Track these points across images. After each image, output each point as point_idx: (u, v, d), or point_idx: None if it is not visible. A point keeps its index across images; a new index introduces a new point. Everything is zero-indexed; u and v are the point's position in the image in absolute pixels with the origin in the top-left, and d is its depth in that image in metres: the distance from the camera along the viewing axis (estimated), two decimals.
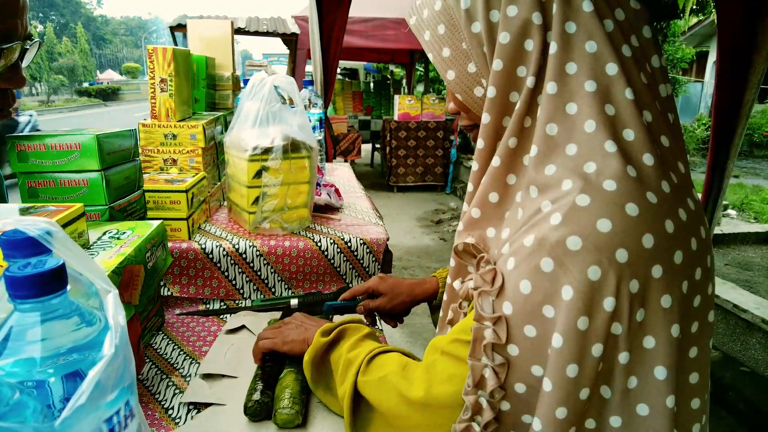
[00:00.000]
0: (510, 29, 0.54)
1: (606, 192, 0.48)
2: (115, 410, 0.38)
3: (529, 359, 0.49)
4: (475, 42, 0.57)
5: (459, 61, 0.59)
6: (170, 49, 1.25)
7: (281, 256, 1.15)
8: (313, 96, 1.59)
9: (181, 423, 0.74)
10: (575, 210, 0.48)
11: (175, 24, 5.86)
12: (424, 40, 0.62)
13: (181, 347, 0.95)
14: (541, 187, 0.52)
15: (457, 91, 0.61)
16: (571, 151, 0.51)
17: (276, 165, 1.12)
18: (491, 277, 0.52)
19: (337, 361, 0.73)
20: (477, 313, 0.52)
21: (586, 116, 0.51)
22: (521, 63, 0.54)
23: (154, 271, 0.83)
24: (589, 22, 0.52)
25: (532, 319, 0.49)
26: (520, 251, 0.50)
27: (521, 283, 0.49)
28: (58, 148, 0.84)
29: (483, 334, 0.51)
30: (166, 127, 1.27)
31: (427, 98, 6.46)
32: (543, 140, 0.52)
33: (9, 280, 0.34)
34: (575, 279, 0.46)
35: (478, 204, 0.60)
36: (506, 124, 0.57)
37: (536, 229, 0.50)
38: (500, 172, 0.57)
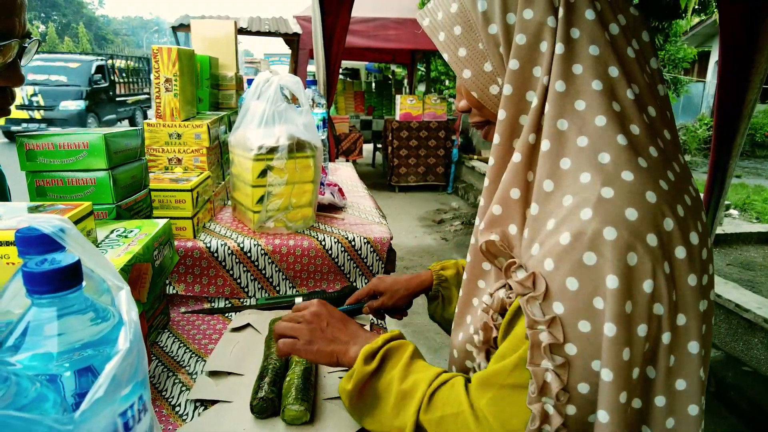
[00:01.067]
0: (526, 31, 0.57)
1: (626, 182, 0.51)
2: (129, 404, 0.39)
3: (588, 355, 0.50)
4: (492, 43, 0.60)
5: (475, 60, 0.62)
6: (175, 48, 1.25)
7: (286, 254, 1.15)
8: (316, 96, 1.60)
9: (188, 419, 0.75)
10: (602, 202, 0.50)
11: (178, 24, 5.86)
12: (438, 40, 0.64)
13: (187, 345, 0.96)
14: (557, 179, 0.54)
15: (473, 89, 0.64)
16: (582, 143, 0.54)
17: (281, 164, 1.13)
18: (531, 281, 0.53)
19: (386, 391, 0.66)
20: (529, 319, 0.52)
21: (596, 111, 0.54)
22: (536, 63, 0.57)
23: (161, 270, 0.84)
24: (592, 29, 0.56)
25: (585, 313, 0.50)
26: (556, 249, 0.52)
27: (567, 281, 0.50)
28: (66, 147, 0.84)
29: (539, 338, 0.51)
30: (171, 127, 1.27)
31: (428, 98, 6.46)
32: (555, 135, 0.55)
33: (27, 275, 0.35)
34: (617, 267, 0.48)
35: (500, 201, 0.61)
36: (522, 121, 0.59)
37: (568, 225, 0.51)
38: (521, 167, 0.59)
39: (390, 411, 0.65)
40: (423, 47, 6.86)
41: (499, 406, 0.56)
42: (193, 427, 0.72)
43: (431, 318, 1.03)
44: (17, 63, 0.74)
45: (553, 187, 0.54)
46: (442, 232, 5.00)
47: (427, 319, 1.05)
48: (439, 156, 6.63)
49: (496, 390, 0.57)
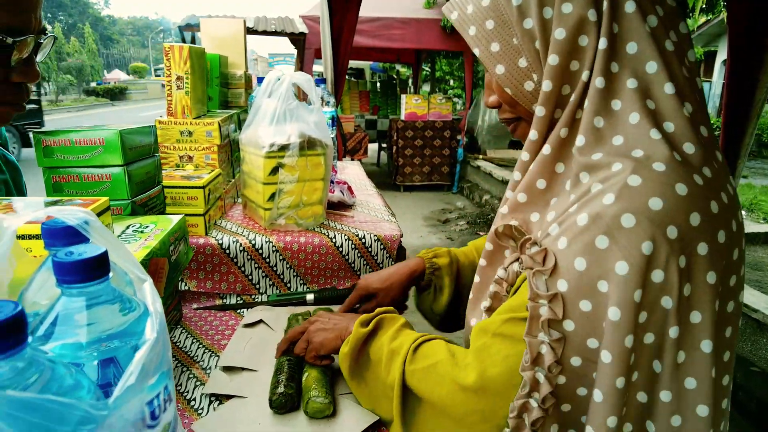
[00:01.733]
0: (565, 25, 0.56)
1: (656, 172, 0.51)
2: (155, 394, 0.39)
3: (585, 333, 0.52)
4: (527, 38, 0.59)
5: (509, 56, 0.61)
6: (186, 47, 1.26)
7: (296, 251, 1.16)
8: (325, 94, 1.60)
9: (204, 414, 0.76)
10: (627, 189, 0.51)
11: (185, 24, 5.89)
12: (468, 35, 0.63)
13: (200, 341, 0.96)
14: (590, 169, 0.55)
15: (506, 85, 0.63)
16: (618, 141, 0.54)
17: (292, 162, 1.14)
18: (542, 257, 0.54)
19: (379, 352, 0.71)
20: (532, 291, 0.54)
21: (630, 110, 0.54)
22: (575, 57, 0.57)
23: (176, 265, 0.84)
24: (632, 23, 0.55)
25: (588, 294, 0.51)
26: (572, 229, 0.53)
27: (576, 261, 0.52)
28: (83, 143, 0.85)
29: (539, 311, 0.53)
30: (182, 125, 1.28)
31: (434, 98, 6.46)
32: (590, 131, 0.55)
33: (58, 265, 0.36)
34: (630, 254, 0.49)
35: (525, 189, 0.62)
36: (558, 116, 0.60)
37: (588, 208, 0.52)
38: (550, 159, 0.59)
39: (383, 370, 0.69)
40: (428, 47, 6.86)
41: (486, 352, 0.59)
42: (209, 421, 0.73)
43: (418, 308, 1.01)
44: (33, 59, 0.75)
45: (588, 177, 0.55)
46: (447, 231, 5.00)
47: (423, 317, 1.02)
48: (444, 155, 6.63)
49: (489, 337, 0.59)
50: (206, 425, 0.72)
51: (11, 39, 0.68)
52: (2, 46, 0.67)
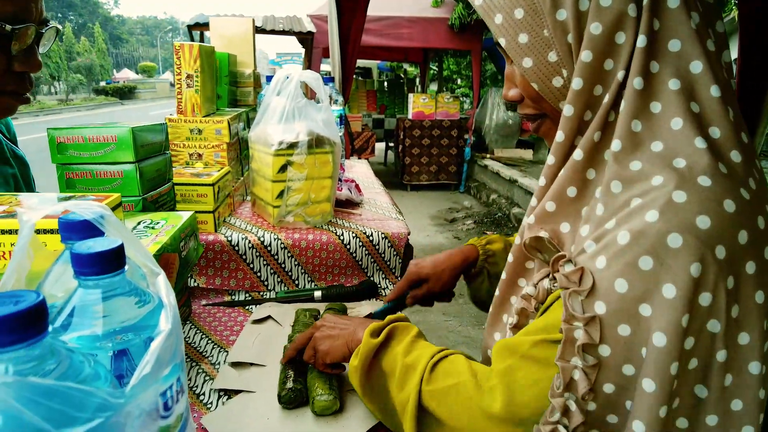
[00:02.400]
0: (603, 20, 0.52)
1: (702, 188, 0.48)
2: (168, 385, 0.40)
3: (621, 359, 0.48)
4: (560, 30, 0.55)
5: (538, 48, 0.57)
6: (196, 45, 1.27)
7: (305, 249, 1.17)
8: (334, 93, 1.61)
9: (213, 408, 0.76)
10: (672, 206, 0.47)
11: (193, 23, 5.92)
12: (494, 23, 0.59)
13: (209, 336, 0.97)
14: (626, 181, 0.51)
15: (533, 80, 0.59)
16: (657, 147, 0.51)
17: (301, 160, 1.14)
18: (578, 276, 0.51)
19: (392, 365, 0.66)
20: (567, 313, 0.50)
21: (671, 114, 0.51)
22: (610, 56, 0.53)
23: (187, 260, 0.85)
24: (675, 19, 0.51)
25: (628, 318, 0.48)
26: (611, 248, 0.49)
27: (616, 282, 0.48)
28: (96, 140, 0.86)
29: (574, 335, 0.50)
30: (192, 122, 1.29)
31: (441, 96, 6.46)
32: (627, 136, 0.52)
33: (76, 257, 0.36)
34: (678, 277, 0.46)
35: (554, 197, 0.58)
36: (587, 117, 0.56)
37: (629, 224, 0.49)
38: (581, 165, 0.56)
39: (396, 385, 0.64)
40: (435, 46, 6.86)
41: (514, 375, 0.55)
42: (218, 416, 0.74)
43: (474, 300, 0.97)
44: (35, 49, 0.76)
45: (621, 188, 0.51)
46: (454, 230, 5.00)
47: (441, 318, 1.03)
48: (452, 155, 6.62)
49: (516, 359, 0.55)
50: (215, 419, 0.73)
51: (10, 27, 0.68)
52: (2, 34, 0.68)
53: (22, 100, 0.80)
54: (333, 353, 0.73)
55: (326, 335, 0.76)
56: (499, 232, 4.87)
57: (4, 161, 0.94)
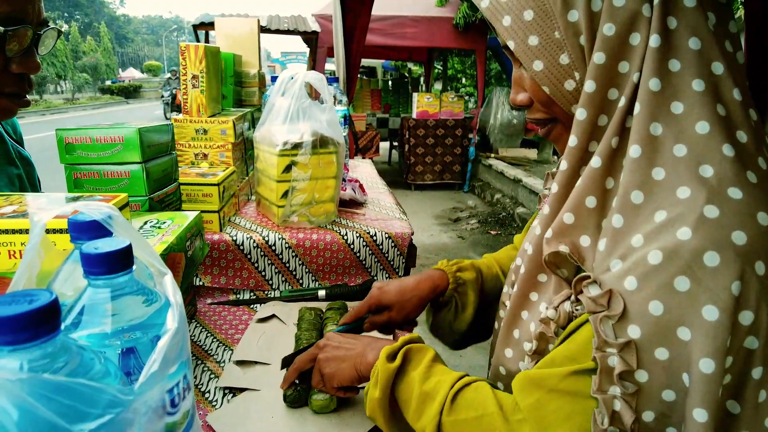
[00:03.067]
0: (616, 20, 0.51)
1: (734, 201, 0.46)
2: (175, 382, 0.41)
3: (660, 384, 0.46)
4: (571, 32, 0.53)
5: (549, 51, 0.55)
6: (202, 46, 1.28)
7: (309, 248, 1.18)
8: (338, 93, 1.62)
9: (218, 406, 0.77)
10: (705, 222, 0.45)
11: (198, 22, 5.94)
12: (502, 25, 0.57)
13: (214, 335, 0.98)
14: (648, 191, 0.49)
15: (544, 83, 0.57)
16: (680, 152, 0.48)
17: (305, 160, 1.15)
18: (606, 299, 0.48)
19: (407, 392, 0.62)
20: (600, 340, 0.48)
21: (696, 117, 0.48)
22: (624, 57, 0.52)
23: (193, 260, 0.86)
24: (692, 18, 0.50)
25: (664, 341, 0.46)
26: (641, 267, 0.47)
27: (650, 305, 0.46)
28: (103, 140, 0.87)
29: (608, 362, 0.47)
30: (198, 123, 1.31)
31: (445, 96, 6.46)
32: (646, 140, 0.49)
33: (85, 257, 0.37)
34: (719, 298, 0.44)
35: (572, 209, 0.55)
36: (601, 122, 0.54)
37: (659, 242, 0.47)
38: (600, 174, 0.53)
39: (411, 414, 0.61)
40: (440, 45, 6.86)
41: (544, 410, 0.52)
42: (223, 413, 0.75)
43: (432, 329, 0.90)
44: (33, 50, 0.76)
45: (642, 199, 0.49)
46: (458, 230, 5.00)
47: None
48: (456, 154, 6.62)
49: (544, 393, 0.52)
50: (220, 417, 0.74)
51: (3, 28, 0.68)
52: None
53: (21, 103, 0.80)
54: (340, 377, 0.69)
55: (331, 357, 0.71)
56: (504, 231, 4.87)
57: (10, 162, 0.96)
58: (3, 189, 0.91)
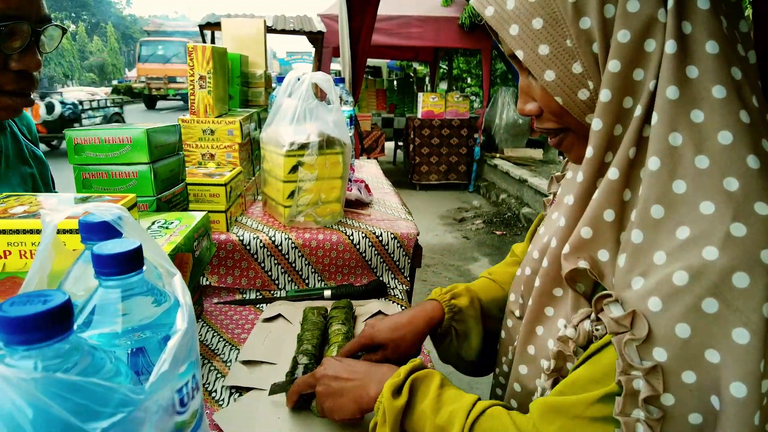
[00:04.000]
0: (631, 27, 0.49)
1: (761, 217, 0.44)
2: (184, 382, 0.41)
3: (688, 408, 0.45)
4: (584, 39, 0.52)
5: (561, 60, 0.53)
6: (209, 47, 1.29)
7: (315, 248, 1.18)
8: (344, 94, 1.62)
9: (224, 405, 0.78)
10: (732, 241, 0.44)
11: (204, 23, 5.96)
12: (509, 34, 0.55)
13: (221, 334, 0.99)
14: (669, 205, 0.48)
15: (557, 94, 0.55)
16: (703, 164, 0.46)
17: (311, 160, 1.16)
18: (629, 321, 0.47)
19: (420, 429, 0.59)
20: (624, 363, 0.47)
21: (718, 126, 0.46)
22: (639, 65, 0.50)
23: (200, 260, 0.87)
24: (708, 21, 0.48)
25: (692, 365, 0.44)
26: (665, 289, 0.46)
27: (677, 327, 0.45)
28: (111, 141, 0.88)
29: (633, 386, 0.46)
30: (205, 123, 1.31)
31: (451, 96, 6.45)
32: (666, 151, 0.48)
33: (97, 258, 0.38)
34: (750, 320, 0.43)
35: (590, 222, 0.53)
36: (617, 132, 0.53)
37: (685, 263, 0.45)
38: (617, 186, 0.52)
39: None
40: (445, 45, 6.85)
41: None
42: (229, 412, 0.75)
43: (443, 360, 0.86)
44: (33, 47, 0.76)
45: (663, 214, 0.48)
46: (463, 230, 4.99)
47: None
48: (461, 154, 6.61)
49: (568, 419, 0.51)
50: (227, 416, 0.74)
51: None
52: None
53: (23, 101, 0.80)
54: (341, 411, 0.66)
55: (329, 392, 0.67)
56: (509, 231, 4.86)
57: (24, 161, 0.97)
58: (16, 188, 0.92)
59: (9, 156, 0.93)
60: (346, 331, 0.91)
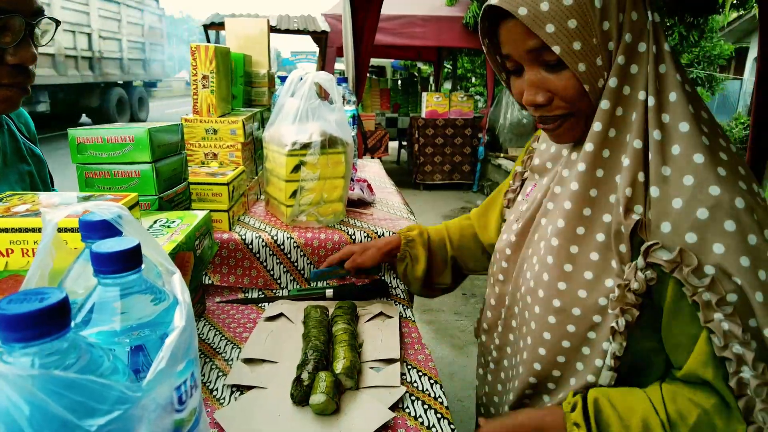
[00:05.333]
0: (632, 31, 0.66)
1: (726, 161, 0.64)
2: (183, 380, 0.42)
3: (747, 295, 0.60)
4: (604, 38, 0.66)
5: (589, 54, 0.66)
6: (212, 47, 1.29)
7: (317, 248, 1.18)
8: (347, 93, 1.62)
9: (225, 403, 0.78)
10: (722, 179, 0.62)
11: (209, 22, 5.98)
12: (545, 32, 0.65)
13: (223, 333, 0.99)
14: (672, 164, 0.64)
15: (587, 83, 0.67)
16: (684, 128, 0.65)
17: (314, 160, 1.16)
18: (679, 256, 0.61)
19: None
20: (691, 287, 0.61)
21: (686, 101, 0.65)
22: (634, 61, 0.67)
23: (201, 258, 0.87)
24: (658, 28, 0.67)
25: (735, 270, 0.60)
26: (696, 224, 0.61)
27: (714, 247, 0.61)
28: (114, 140, 0.89)
29: (704, 298, 0.61)
30: (208, 122, 1.32)
31: (455, 95, 6.44)
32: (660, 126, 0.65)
33: (95, 256, 0.38)
34: (756, 227, 0.61)
35: (630, 183, 0.66)
36: (618, 113, 0.68)
37: (700, 201, 0.62)
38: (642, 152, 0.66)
39: None
40: (449, 44, 6.83)
41: None
42: (230, 410, 0.75)
43: (403, 278, 1.12)
44: (28, 40, 0.76)
45: (669, 171, 0.63)
46: None
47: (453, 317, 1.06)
48: (465, 154, 6.59)
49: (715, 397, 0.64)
50: (228, 414, 0.74)
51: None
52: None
53: (20, 94, 0.80)
54: None
55: None
56: None
57: (21, 159, 0.97)
58: (14, 185, 0.93)
59: (7, 153, 0.93)
60: (352, 330, 0.92)
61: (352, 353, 0.84)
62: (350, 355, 0.83)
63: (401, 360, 0.90)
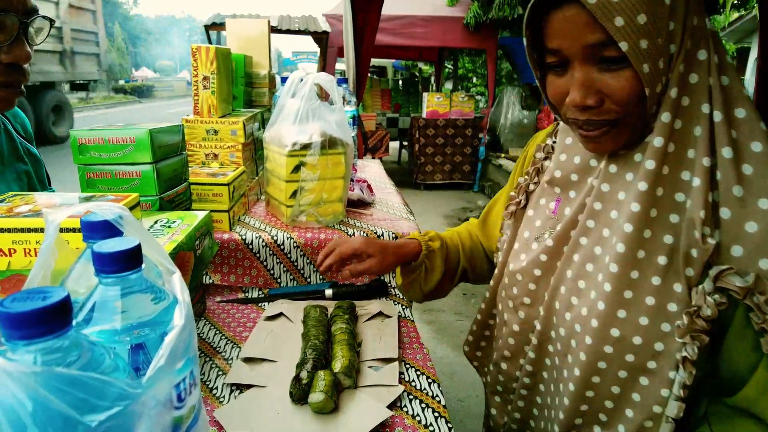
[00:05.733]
0: (693, 37, 0.61)
1: None
2: (182, 377, 0.42)
3: None
4: (668, 40, 0.60)
5: (653, 55, 0.59)
6: (213, 48, 1.30)
7: (317, 248, 1.19)
8: (347, 94, 1.63)
9: (225, 402, 0.79)
10: None
11: (210, 23, 5.99)
12: (613, 25, 0.58)
13: (223, 332, 1.00)
14: (745, 184, 0.60)
15: (648, 85, 0.61)
16: (757, 148, 0.62)
17: (314, 160, 1.16)
18: (754, 283, 0.58)
19: None
20: (764, 315, 0.58)
21: (755, 117, 0.62)
22: (693, 70, 0.62)
23: (202, 258, 0.88)
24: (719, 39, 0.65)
25: None
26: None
27: None
28: (115, 141, 0.89)
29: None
30: (208, 123, 1.32)
31: (456, 95, 6.44)
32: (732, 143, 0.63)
33: (96, 256, 0.39)
34: None
35: (703, 206, 0.61)
36: (677, 126, 0.63)
37: None
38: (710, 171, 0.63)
39: None
40: (450, 45, 6.84)
41: None
42: (230, 409, 0.76)
43: (402, 288, 1.04)
44: (21, 39, 0.77)
45: (743, 192, 0.60)
46: None
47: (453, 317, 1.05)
48: (466, 154, 6.60)
49: None
50: (227, 413, 0.75)
51: None
52: None
53: (15, 93, 0.81)
54: None
55: None
56: None
57: (18, 158, 0.98)
58: (11, 184, 0.93)
59: (4, 153, 0.94)
60: (351, 330, 0.92)
61: (351, 352, 0.84)
62: (349, 354, 0.83)
63: (400, 359, 0.90)
